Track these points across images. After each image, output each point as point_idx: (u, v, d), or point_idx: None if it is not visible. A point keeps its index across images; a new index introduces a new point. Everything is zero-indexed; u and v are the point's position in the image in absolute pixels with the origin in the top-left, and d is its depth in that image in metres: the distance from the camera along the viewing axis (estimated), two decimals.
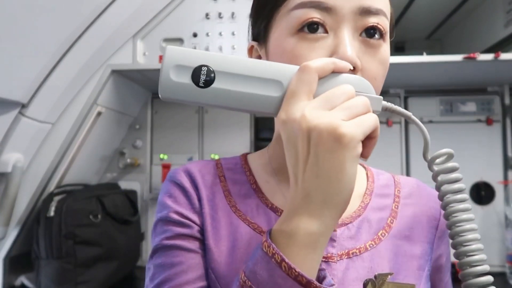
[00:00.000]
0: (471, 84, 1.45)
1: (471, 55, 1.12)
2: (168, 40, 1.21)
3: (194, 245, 0.47)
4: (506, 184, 1.40)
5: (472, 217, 0.39)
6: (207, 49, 1.18)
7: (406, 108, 1.47)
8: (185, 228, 0.48)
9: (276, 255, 0.35)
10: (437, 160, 0.41)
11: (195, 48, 1.18)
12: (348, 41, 0.42)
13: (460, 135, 1.44)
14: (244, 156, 0.57)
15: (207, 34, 1.19)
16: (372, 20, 0.43)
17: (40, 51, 0.97)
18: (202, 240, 0.48)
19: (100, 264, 1.18)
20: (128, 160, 1.50)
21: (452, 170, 0.40)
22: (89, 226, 1.16)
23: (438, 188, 0.41)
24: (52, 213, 1.13)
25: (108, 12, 1.06)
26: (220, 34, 1.19)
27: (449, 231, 0.41)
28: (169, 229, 0.48)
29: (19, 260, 1.22)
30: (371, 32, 0.43)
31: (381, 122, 1.45)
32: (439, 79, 1.40)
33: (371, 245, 0.48)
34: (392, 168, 1.44)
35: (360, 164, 0.59)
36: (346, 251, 0.47)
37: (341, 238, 0.48)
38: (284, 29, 0.44)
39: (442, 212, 0.51)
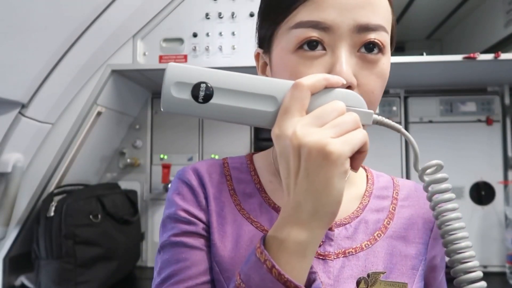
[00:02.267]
0: (471, 84, 1.45)
1: (471, 55, 1.12)
2: (168, 40, 1.21)
3: (199, 242, 0.50)
4: (506, 184, 1.40)
5: (459, 216, 0.41)
6: (207, 49, 1.18)
7: (406, 108, 1.47)
8: (191, 226, 0.50)
9: (268, 261, 0.37)
10: (428, 171, 0.43)
11: (194, 48, 1.18)
12: (345, 59, 0.44)
13: (460, 135, 1.44)
14: (250, 156, 0.59)
15: (207, 34, 1.19)
16: (370, 36, 0.44)
17: (40, 51, 0.97)
18: (208, 236, 0.50)
19: (100, 264, 1.18)
20: (128, 160, 1.50)
21: (442, 180, 0.42)
22: (89, 226, 1.16)
23: (429, 198, 0.43)
24: (52, 213, 1.13)
25: (108, 12, 1.06)
26: (220, 34, 1.19)
27: (439, 230, 0.42)
28: (176, 226, 0.51)
29: (19, 260, 1.22)
30: (369, 47, 0.45)
31: None
32: (439, 79, 1.40)
33: (367, 245, 0.50)
34: (392, 168, 1.44)
35: (362, 167, 0.60)
36: (343, 250, 0.50)
37: (339, 238, 0.50)
38: (285, 46, 0.47)
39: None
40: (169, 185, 0.57)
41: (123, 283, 1.30)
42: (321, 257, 0.49)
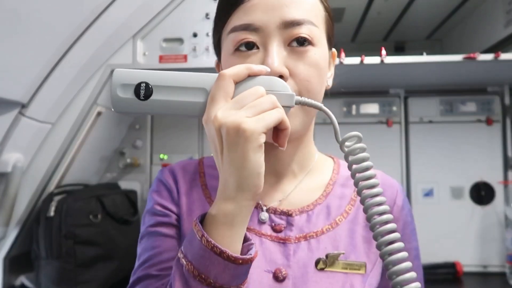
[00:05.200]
0: (471, 84, 1.45)
1: (471, 55, 1.12)
2: (168, 40, 1.21)
3: (171, 231, 0.57)
4: (506, 184, 1.40)
5: (387, 208, 0.43)
6: (207, 49, 1.18)
7: (406, 108, 1.47)
8: (165, 217, 0.58)
9: (199, 231, 0.43)
10: (347, 143, 0.46)
11: (194, 48, 1.18)
12: (275, 53, 0.49)
13: (460, 135, 1.44)
14: None
15: (207, 34, 1.19)
16: (297, 31, 0.50)
17: (40, 51, 0.97)
18: (179, 226, 0.58)
19: (100, 264, 1.18)
20: (128, 160, 1.50)
21: (361, 150, 0.45)
22: (89, 226, 1.16)
23: (349, 167, 0.46)
24: (52, 213, 1.13)
25: (108, 12, 1.06)
26: None
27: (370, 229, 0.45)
28: (152, 218, 0.59)
29: (19, 260, 1.22)
30: (299, 41, 0.51)
31: (381, 122, 1.46)
32: (439, 79, 1.40)
33: (327, 229, 0.56)
34: (392, 168, 1.44)
35: (330, 157, 0.67)
36: (304, 234, 0.55)
37: (300, 223, 0.56)
38: (226, 50, 0.54)
39: (397, 202, 0.60)
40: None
41: (123, 283, 1.30)
42: (281, 241, 0.55)
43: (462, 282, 1.30)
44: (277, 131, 0.45)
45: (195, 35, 1.19)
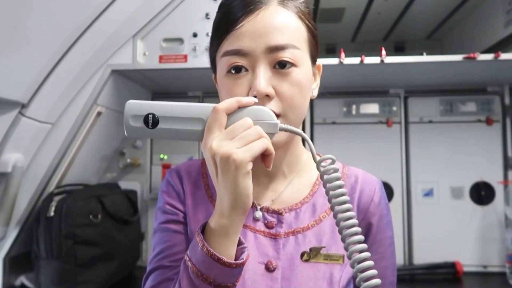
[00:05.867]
0: (471, 84, 1.45)
1: (471, 55, 1.12)
2: (168, 40, 1.21)
3: (179, 227, 0.65)
4: (506, 184, 1.40)
5: (355, 223, 0.49)
6: (207, 49, 1.18)
7: (406, 108, 1.48)
8: (174, 215, 0.66)
9: (201, 241, 0.52)
10: (323, 163, 0.53)
11: (194, 48, 1.18)
12: (262, 75, 0.56)
13: (460, 135, 1.44)
14: None
15: (207, 34, 1.19)
16: (280, 55, 0.57)
17: (40, 51, 0.97)
18: (186, 223, 0.65)
19: (100, 264, 1.18)
20: (128, 160, 1.50)
21: (334, 170, 0.52)
22: (89, 226, 1.16)
23: (324, 185, 0.53)
24: (52, 213, 1.13)
25: (108, 12, 1.06)
26: None
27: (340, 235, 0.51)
28: (163, 216, 0.66)
29: (19, 260, 1.22)
30: (282, 64, 0.57)
31: (381, 122, 1.46)
32: (439, 79, 1.40)
33: (313, 225, 0.64)
34: (392, 168, 1.44)
35: (319, 155, 0.73)
36: (292, 230, 0.63)
37: (288, 220, 0.64)
38: (220, 70, 0.61)
39: (374, 199, 0.67)
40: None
41: (123, 283, 1.30)
42: (273, 237, 0.63)
43: (462, 282, 1.30)
44: (263, 155, 0.52)
45: (195, 35, 1.19)
